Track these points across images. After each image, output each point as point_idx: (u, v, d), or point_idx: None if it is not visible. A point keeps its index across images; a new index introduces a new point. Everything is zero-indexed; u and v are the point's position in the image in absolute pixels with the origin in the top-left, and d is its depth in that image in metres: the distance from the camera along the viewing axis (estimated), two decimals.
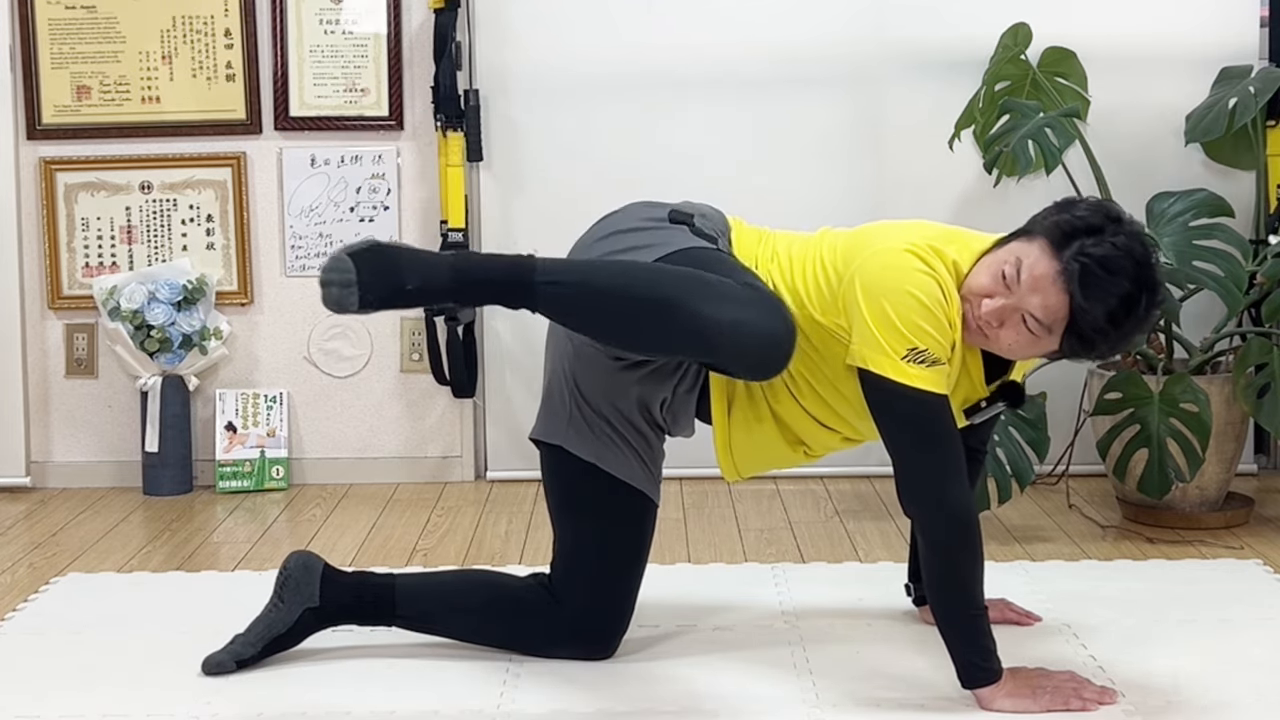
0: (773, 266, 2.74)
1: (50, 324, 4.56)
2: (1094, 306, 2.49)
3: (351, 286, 2.45)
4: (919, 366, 2.54)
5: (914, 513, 2.63)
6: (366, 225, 4.51)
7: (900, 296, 2.55)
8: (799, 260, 2.73)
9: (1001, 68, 4.17)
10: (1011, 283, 2.54)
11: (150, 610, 3.30)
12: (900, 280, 2.56)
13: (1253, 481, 4.37)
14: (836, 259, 2.68)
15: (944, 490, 2.57)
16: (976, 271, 2.61)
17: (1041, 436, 3.75)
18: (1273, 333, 3.81)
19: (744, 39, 4.43)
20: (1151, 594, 3.30)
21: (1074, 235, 2.51)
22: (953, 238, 2.68)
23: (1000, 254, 2.59)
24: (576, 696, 2.71)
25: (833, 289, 2.66)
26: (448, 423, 4.57)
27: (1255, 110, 4.00)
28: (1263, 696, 2.70)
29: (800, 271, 2.71)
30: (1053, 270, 2.51)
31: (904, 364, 2.54)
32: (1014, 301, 2.54)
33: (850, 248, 2.68)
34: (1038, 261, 2.52)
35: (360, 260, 2.47)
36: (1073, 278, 2.48)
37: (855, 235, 2.74)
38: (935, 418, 2.57)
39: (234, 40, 4.45)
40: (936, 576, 2.61)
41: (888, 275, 2.57)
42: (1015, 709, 2.60)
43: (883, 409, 2.60)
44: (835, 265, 2.67)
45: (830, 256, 2.70)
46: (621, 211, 2.84)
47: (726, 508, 4.11)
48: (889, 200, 4.30)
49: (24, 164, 4.48)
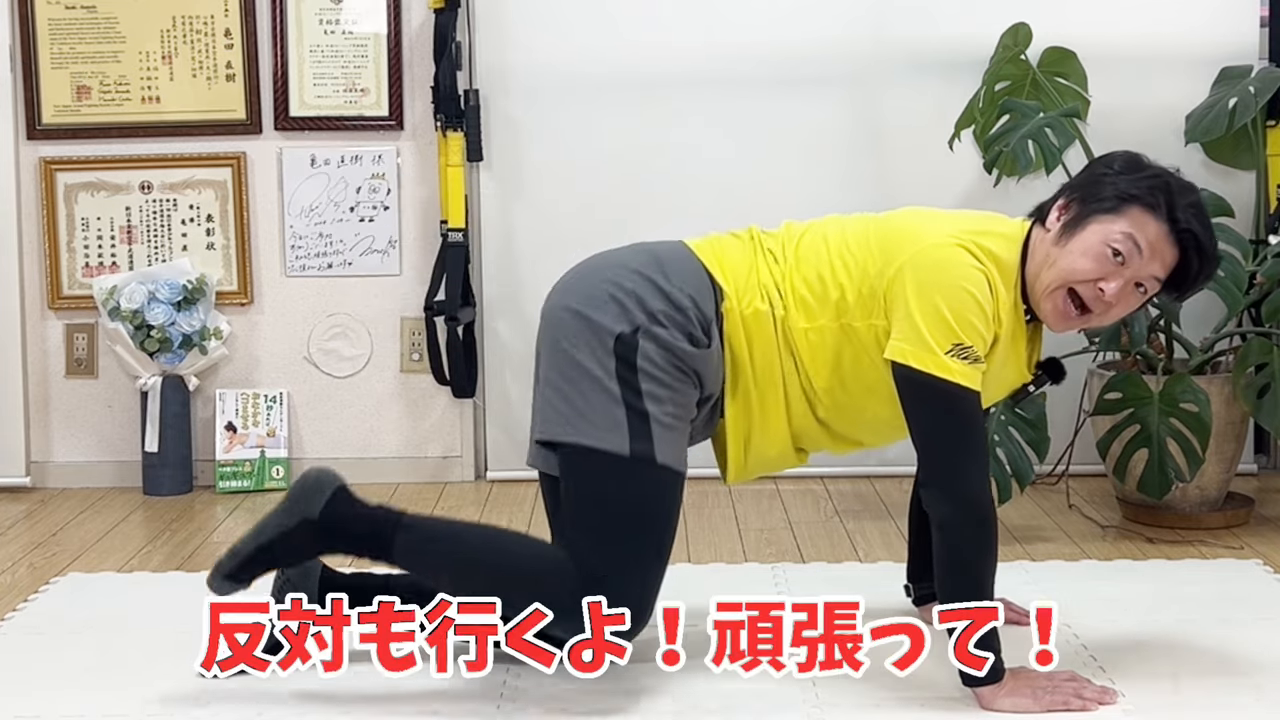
0: (795, 279, 2.71)
1: (50, 324, 4.56)
2: (1210, 247, 2.62)
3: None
4: (961, 362, 2.56)
5: (936, 505, 2.62)
6: (367, 224, 4.51)
7: (955, 292, 2.56)
8: (824, 265, 2.70)
9: (1001, 68, 4.17)
10: (1130, 257, 2.59)
11: (150, 610, 3.30)
12: (956, 276, 2.58)
13: (1253, 481, 4.38)
14: (870, 255, 2.67)
15: (969, 485, 2.60)
16: (1069, 258, 2.61)
17: (1041, 436, 3.75)
18: (1273, 333, 3.81)
19: (744, 39, 4.43)
20: (1151, 594, 3.30)
21: (1164, 192, 2.61)
22: (984, 226, 2.70)
23: (1091, 236, 2.61)
24: (576, 696, 2.71)
25: (873, 287, 2.65)
26: (448, 423, 4.57)
27: (1255, 110, 4.00)
28: (1263, 696, 2.70)
29: (831, 278, 2.68)
30: (1164, 232, 2.59)
31: (947, 358, 2.55)
32: (1132, 273, 2.61)
33: (887, 241, 2.67)
34: (1146, 227, 2.59)
35: None
36: (1189, 234, 2.59)
37: (887, 228, 2.72)
38: (969, 412, 2.59)
39: (234, 40, 4.45)
40: (950, 570, 2.62)
41: (943, 271, 2.58)
42: (1015, 709, 2.60)
43: (917, 402, 2.61)
44: (871, 262, 2.66)
45: (860, 254, 2.68)
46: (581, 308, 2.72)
47: (726, 508, 4.11)
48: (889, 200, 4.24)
49: (24, 164, 4.48)
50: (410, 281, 4.52)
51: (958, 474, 2.60)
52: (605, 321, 2.67)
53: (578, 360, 2.67)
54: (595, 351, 2.66)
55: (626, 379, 2.65)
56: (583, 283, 2.76)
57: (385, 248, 4.52)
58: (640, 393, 2.64)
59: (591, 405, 2.66)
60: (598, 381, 2.66)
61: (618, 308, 2.68)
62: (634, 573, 2.63)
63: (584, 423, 2.66)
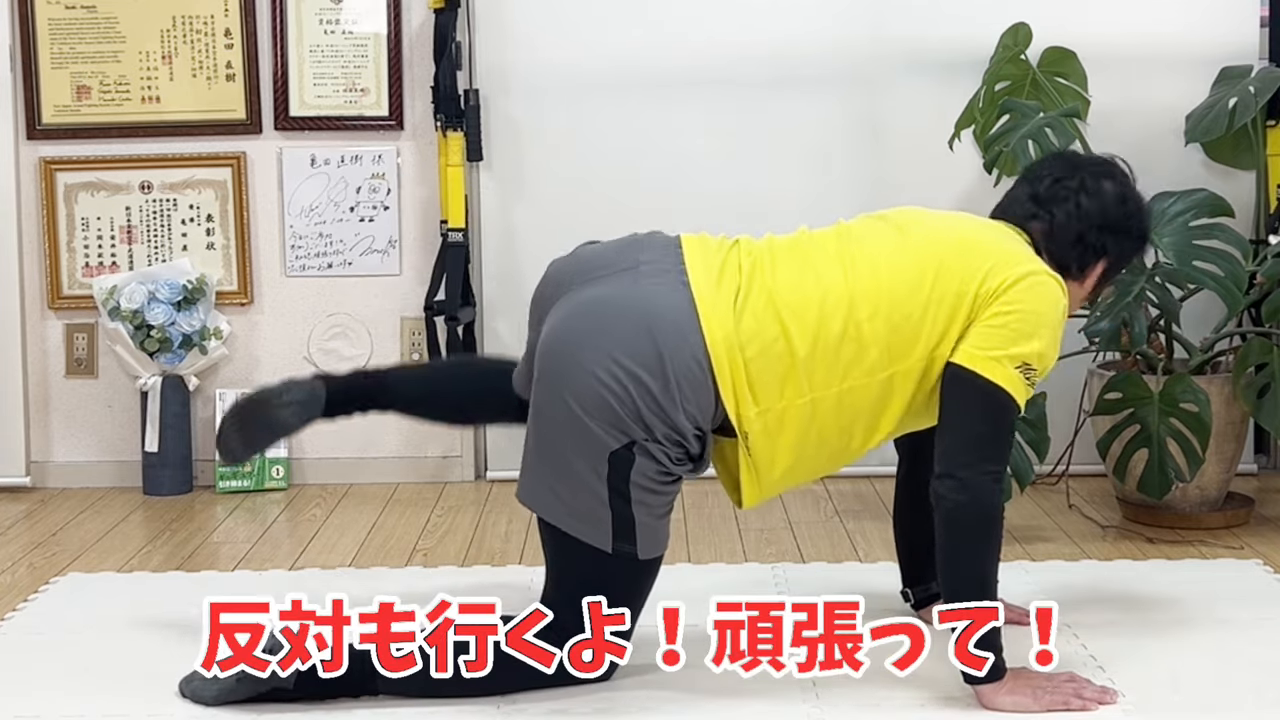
0: (817, 373, 2.66)
1: (50, 324, 4.56)
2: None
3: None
4: (1023, 380, 2.63)
5: (953, 494, 2.62)
6: (367, 224, 4.51)
7: (1053, 330, 2.67)
8: (860, 314, 2.65)
9: (1001, 68, 4.17)
10: None
11: (150, 610, 3.29)
12: (1057, 315, 2.68)
13: (1253, 481, 4.37)
14: (943, 278, 2.64)
15: (990, 482, 2.63)
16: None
17: (1041, 436, 3.75)
18: (1273, 333, 3.81)
19: (744, 39, 4.43)
20: (1151, 594, 3.30)
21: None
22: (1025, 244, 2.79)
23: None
24: (576, 697, 2.71)
25: (934, 316, 2.64)
26: None
27: (1255, 110, 4.00)
28: (1263, 696, 2.70)
29: (887, 325, 2.65)
30: None
31: (1015, 372, 2.61)
32: None
33: (964, 262, 2.65)
34: None
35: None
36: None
37: (953, 247, 2.69)
38: (1010, 424, 2.66)
39: (234, 40, 4.45)
40: (956, 564, 2.63)
41: (1049, 310, 2.66)
42: (1015, 708, 2.61)
43: (966, 401, 2.63)
44: (934, 289, 2.64)
45: (917, 275, 2.66)
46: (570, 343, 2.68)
47: (726, 507, 4.10)
48: (889, 200, 4.23)
49: (24, 164, 4.48)
50: (410, 281, 4.52)
51: (983, 471, 2.62)
52: (600, 433, 2.60)
53: (567, 458, 2.64)
54: (588, 458, 2.62)
55: (617, 487, 2.63)
56: (580, 360, 2.63)
57: (385, 248, 4.52)
58: (629, 500, 2.63)
59: (577, 500, 2.65)
60: (587, 484, 2.63)
61: (613, 420, 2.59)
62: None
63: (566, 513, 2.66)
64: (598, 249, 2.85)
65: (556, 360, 2.67)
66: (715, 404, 2.66)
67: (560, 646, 2.64)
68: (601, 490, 2.62)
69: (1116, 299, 3.67)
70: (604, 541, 2.65)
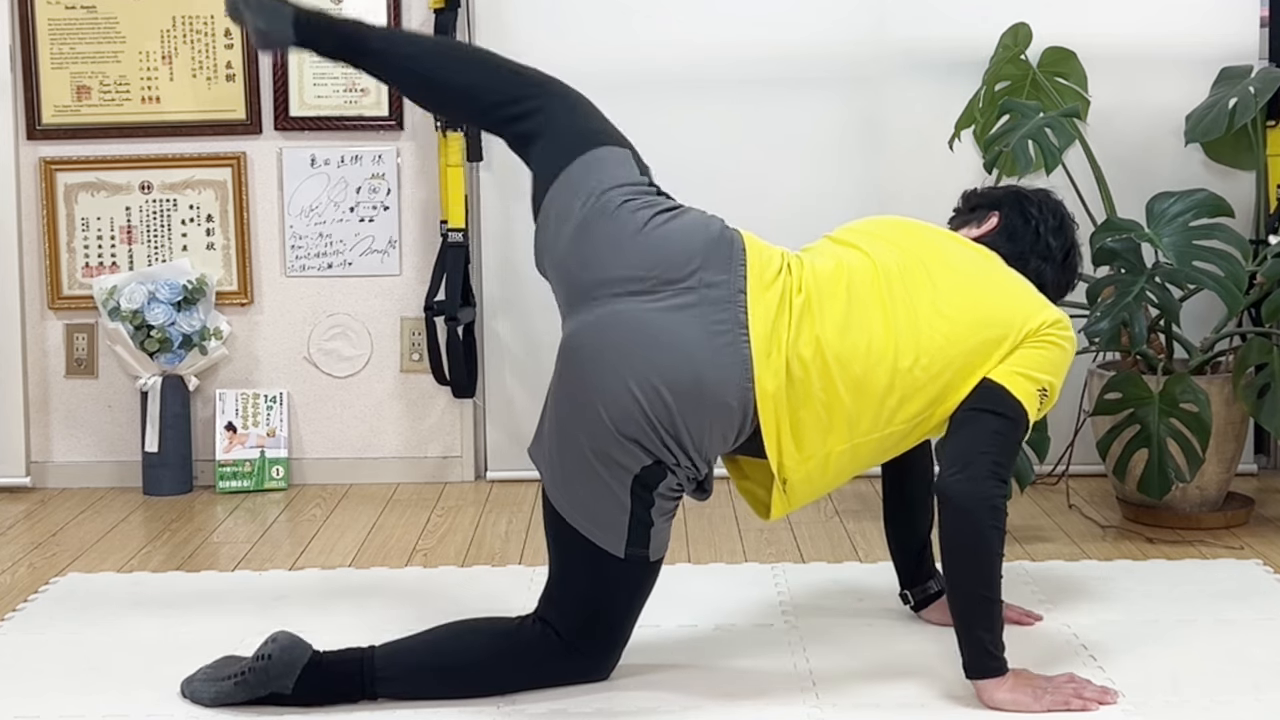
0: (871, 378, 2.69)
1: (50, 324, 4.56)
2: None
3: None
4: (1040, 401, 2.73)
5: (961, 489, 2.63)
6: (366, 224, 4.51)
7: (1065, 372, 2.80)
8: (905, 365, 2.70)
9: (1001, 68, 4.17)
10: None
11: (150, 610, 3.30)
12: (1071, 360, 2.83)
13: (1253, 481, 4.37)
14: (983, 327, 2.73)
15: (998, 485, 2.64)
16: None
17: (1041, 436, 3.75)
18: (1273, 333, 3.81)
19: (744, 39, 4.43)
20: (1151, 594, 3.30)
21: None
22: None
23: None
24: (576, 697, 2.71)
25: (976, 364, 2.71)
26: (448, 423, 4.57)
27: (1255, 110, 4.00)
28: (1263, 696, 2.70)
29: (926, 374, 2.70)
30: None
31: (1033, 390, 2.72)
32: None
33: (1007, 311, 2.75)
34: None
35: None
36: None
37: (989, 294, 2.78)
38: (1020, 438, 2.74)
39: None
40: (961, 560, 2.63)
41: (1071, 354, 2.81)
42: (1015, 707, 2.61)
43: (986, 412, 2.69)
44: (975, 335, 2.72)
45: (962, 323, 2.72)
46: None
47: (727, 508, 4.10)
48: (889, 200, 4.30)
49: (24, 164, 4.48)
50: (410, 281, 4.52)
51: (993, 474, 2.65)
52: (628, 461, 2.64)
53: (596, 471, 2.65)
54: (615, 473, 2.65)
55: (640, 496, 2.66)
56: (623, 376, 2.63)
57: (385, 248, 4.52)
58: (651, 508, 2.67)
59: (599, 504, 2.66)
60: (612, 494, 2.66)
61: (644, 442, 2.63)
62: (608, 650, 2.76)
63: (585, 516, 2.68)
64: (661, 232, 2.80)
65: (596, 368, 2.66)
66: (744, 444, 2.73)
67: (564, 647, 2.69)
68: (625, 498, 2.65)
69: (1116, 299, 3.67)
70: (618, 546, 2.67)
